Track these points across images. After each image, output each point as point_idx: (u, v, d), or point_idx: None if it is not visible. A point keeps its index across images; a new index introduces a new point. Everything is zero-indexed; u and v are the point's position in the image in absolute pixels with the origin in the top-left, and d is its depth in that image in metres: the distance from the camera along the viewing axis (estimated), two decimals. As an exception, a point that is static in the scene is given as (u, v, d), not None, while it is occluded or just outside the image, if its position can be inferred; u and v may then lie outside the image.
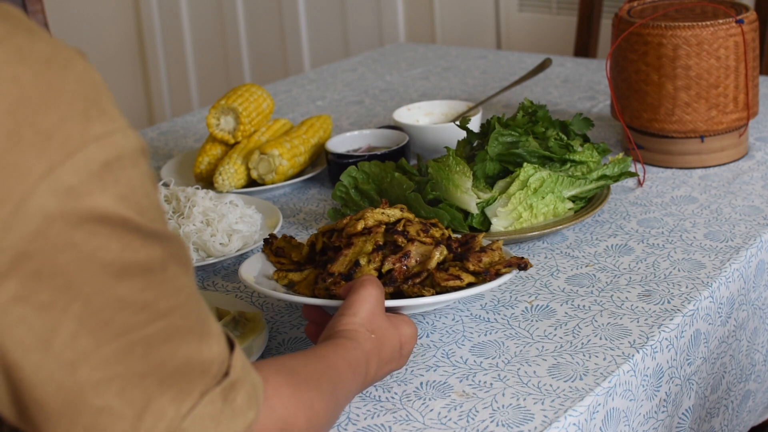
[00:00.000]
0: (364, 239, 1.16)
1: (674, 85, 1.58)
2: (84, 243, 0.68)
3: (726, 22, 1.56)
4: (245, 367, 0.79)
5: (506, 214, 1.37)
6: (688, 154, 1.61)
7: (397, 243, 1.15)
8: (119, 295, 0.70)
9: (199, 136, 1.93)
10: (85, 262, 0.68)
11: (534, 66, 1.99)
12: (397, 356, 1.04)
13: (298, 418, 0.83)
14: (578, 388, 1.05)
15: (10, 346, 0.68)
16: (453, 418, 1.02)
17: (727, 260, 1.31)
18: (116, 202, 0.69)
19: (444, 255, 1.15)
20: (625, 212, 1.47)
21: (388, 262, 1.13)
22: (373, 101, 2.07)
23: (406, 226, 1.17)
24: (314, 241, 1.23)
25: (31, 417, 0.71)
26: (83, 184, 0.67)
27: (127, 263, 0.70)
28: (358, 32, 3.40)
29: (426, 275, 1.13)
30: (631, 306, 1.21)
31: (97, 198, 0.68)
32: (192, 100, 3.81)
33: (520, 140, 1.43)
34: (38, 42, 0.69)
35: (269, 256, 1.25)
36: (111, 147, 0.69)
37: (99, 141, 0.68)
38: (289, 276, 1.19)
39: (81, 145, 0.68)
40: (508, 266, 1.15)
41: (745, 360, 1.33)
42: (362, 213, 1.19)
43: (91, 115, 0.69)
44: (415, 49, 2.46)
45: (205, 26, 3.70)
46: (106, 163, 0.68)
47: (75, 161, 0.67)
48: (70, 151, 0.67)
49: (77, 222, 0.67)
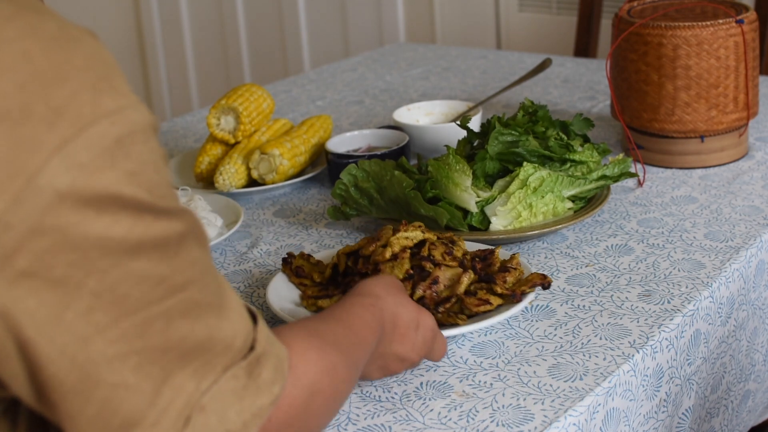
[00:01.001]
0: (391, 265, 1.18)
1: (674, 85, 1.58)
2: (95, 218, 0.67)
3: (726, 22, 1.56)
4: (270, 339, 0.79)
5: (505, 213, 1.37)
6: (688, 154, 1.61)
7: (425, 268, 1.17)
8: (134, 270, 0.69)
9: (199, 136, 1.93)
10: (98, 237, 0.68)
11: (534, 66, 1.99)
12: (412, 335, 1.02)
13: (323, 384, 0.83)
14: (578, 388, 1.05)
15: (24, 323, 0.68)
16: (453, 418, 1.02)
17: (727, 260, 1.31)
18: (127, 178, 0.68)
19: (472, 279, 1.18)
20: (625, 212, 1.47)
21: (419, 289, 1.16)
22: (373, 101, 2.07)
23: (431, 249, 1.19)
24: (336, 263, 1.24)
25: (48, 396, 0.70)
26: (95, 159, 0.67)
27: (140, 238, 0.69)
28: (358, 32, 3.40)
29: (455, 300, 1.15)
30: (631, 306, 1.21)
31: (109, 174, 0.68)
32: (192, 100, 3.81)
33: (520, 139, 1.43)
34: (48, 20, 0.69)
35: (290, 277, 1.26)
36: (122, 123, 0.69)
37: (110, 117, 0.68)
38: (318, 303, 1.19)
39: (92, 120, 0.67)
40: (532, 286, 1.18)
41: (745, 360, 1.33)
42: (386, 238, 1.21)
43: (102, 90, 0.69)
44: (415, 49, 2.46)
45: (205, 26, 3.70)
46: (117, 139, 0.68)
47: (87, 137, 0.67)
48: (81, 127, 0.67)
49: (89, 198, 0.67)
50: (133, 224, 0.69)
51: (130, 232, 0.69)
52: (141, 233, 0.69)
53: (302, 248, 1.43)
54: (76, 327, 0.68)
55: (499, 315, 1.13)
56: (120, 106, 0.69)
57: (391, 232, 1.22)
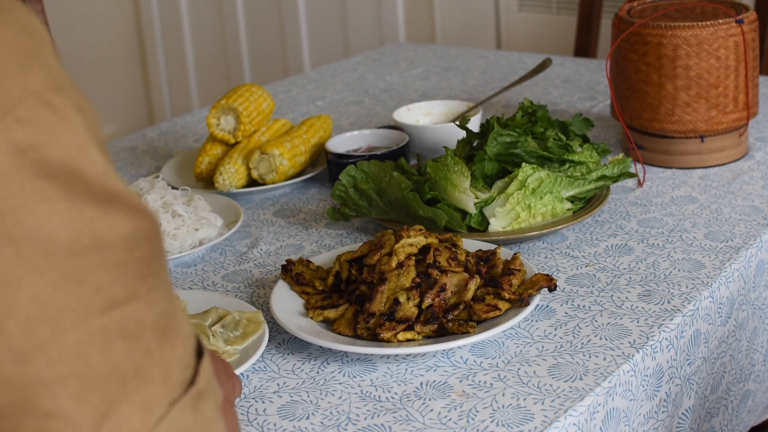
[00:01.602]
0: (397, 273, 1.17)
1: (674, 85, 1.58)
2: (32, 206, 0.60)
3: (726, 22, 1.56)
4: (211, 378, 0.71)
5: (504, 214, 1.37)
6: (688, 154, 1.61)
7: (432, 276, 1.17)
8: (73, 273, 0.61)
9: (199, 136, 1.93)
10: (34, 228, 0.59)
11: (534, 66, 1.99)
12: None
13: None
14: (578, 388, 1.05)
15: None
16: (453, 418, 1.02)
17: (727, 260, 1.31)
18: (66, 159, 0.61)
19: (478, 284, 1.18)
20: (625, 212, 1.47)
21: (428, 298, 1.15)
22: (373, 101, 2.07)
23: (436, 255, 1.19)
24: (339, 270, 1.24)
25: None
26: (27, 139, 0.60)
27: (81, 233, 0.61)
28: (358, 32, 3.40)
29: (464, 307, 1.15)
30: (631, 306, 1.21)
31: (47, 154, 0.60)
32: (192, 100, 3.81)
33: (519, 140, 1.43)
34: None
35: (292, 285, 1.25)
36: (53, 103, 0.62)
37: (39, 95, 0.61)
38: (324, 313, 1.19)
39: (20, 99, 0.60)
40: (539, 289, 1.18)
41: (745, 360, 1.33)
42: (389, 246, 1.20)
43: (30, 67, 0.62)
44: (415, 49, 2.46)
45: (205, 26, 3.70)
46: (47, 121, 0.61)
47: (15, 115, 0.60)
48: (9, 107, 0.60)
49: (21, 182, 0.60)
50: (73, 215, 0.61)
51: (68, 223, 0.61)
52: (81, 227, 0.61)
53: (302, 248, 1.43)
54: (15, 342, 0.60)
55: (508, 321, 1.13)
56: (48, 86, 0.62)
57: (393, 237, 1.22)
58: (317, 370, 1.12)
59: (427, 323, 1.14)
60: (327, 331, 1.16)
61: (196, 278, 1.37)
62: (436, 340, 1.12)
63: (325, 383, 1.09)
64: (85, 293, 0.61)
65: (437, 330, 1.14)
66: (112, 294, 0.63)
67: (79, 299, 0.61)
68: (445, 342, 1.10)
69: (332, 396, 1.07)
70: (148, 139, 1.93)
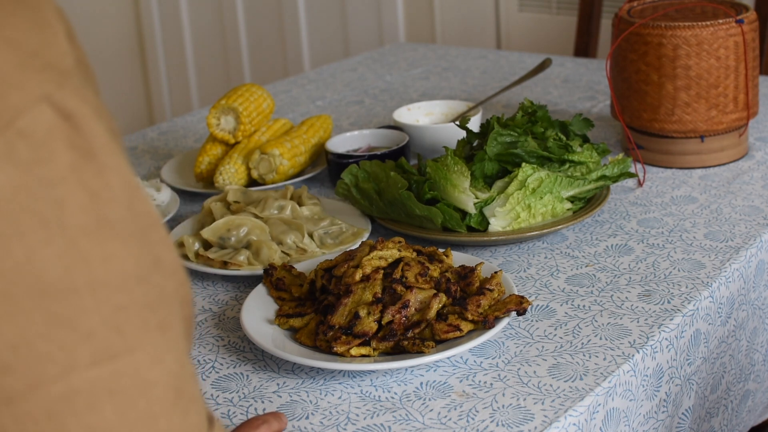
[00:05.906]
0: (362, 286, 1.15)
1: (674, 85, 1.58)
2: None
3: (726, 22, 1.56)
4: None
5: (504, 214, 1.37)
6: (688, 154, 1.61)
7: (396, 291, 1.14)
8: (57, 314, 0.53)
9: (199, 136, 1.93)
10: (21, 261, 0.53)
11: (534, 66, 1.99)
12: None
13: None
14: (578, 388, 1.05)
15: None
16: (453, 418, 1.02)
17: (727, 260, 1.31)
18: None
19: (443, 303, 1.14)
20: (625, 212, 1.47)
21: (388, 314, 1.12)
22: (373, 101, 2.07)
23: (404, 270, 1.16)
24: (314, 279, 1.22)
25: None
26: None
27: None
28: (358, 32, 3.40)
29: (425, 325, 1.12)
30: (631, 306, 1.21)
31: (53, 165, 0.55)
32: (192, 100, 3.80)
33: (519, 140, 1.43)
34: None
35: (270, 290, 1.23)
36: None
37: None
38: (290, 322, 1.17)
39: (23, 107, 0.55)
40: (506, 312, 1.13)
41: (745, 360, 1.33)
42: (359, 258, 1.18)
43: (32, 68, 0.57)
44: (415, 49, 2.46)
45: (205, 26, 3.70)
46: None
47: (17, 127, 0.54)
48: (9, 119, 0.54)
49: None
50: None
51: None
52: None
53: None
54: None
55: (468, 342, 1.09)
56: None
57: (367, 250, 1.20)
58: (317, 369, 1.12)
59: (383, 339, 1.11)
60: (289, 339, 1.15)
61: (196, 278, 1.37)
62: (391, 358, 1.09)
63: (325, 383, 1.09)
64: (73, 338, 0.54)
65: (395, 347, 1.11)
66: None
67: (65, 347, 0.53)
68: (397, 361, 1.07)
69: (332, 396, 1.07)
70: (148, 139, 1.93)
